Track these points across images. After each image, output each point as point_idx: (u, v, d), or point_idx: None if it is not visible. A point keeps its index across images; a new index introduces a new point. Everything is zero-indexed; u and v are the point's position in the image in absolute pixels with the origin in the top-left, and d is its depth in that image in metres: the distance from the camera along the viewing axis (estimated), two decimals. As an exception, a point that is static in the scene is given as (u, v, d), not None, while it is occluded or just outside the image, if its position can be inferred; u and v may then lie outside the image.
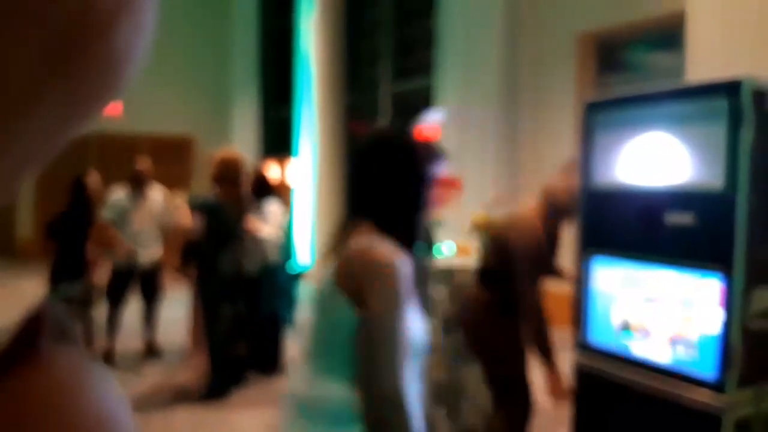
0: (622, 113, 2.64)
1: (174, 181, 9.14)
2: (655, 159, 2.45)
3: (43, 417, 0.31)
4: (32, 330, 0.37)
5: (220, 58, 12.13)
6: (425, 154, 1.63)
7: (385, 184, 1.57)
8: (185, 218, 4.70)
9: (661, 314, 2.43)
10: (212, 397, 4.67)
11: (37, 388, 0.32)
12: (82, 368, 0.36)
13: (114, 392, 0.36)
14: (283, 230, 5.33)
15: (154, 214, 5.58)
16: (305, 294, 5.72)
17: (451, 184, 1.76)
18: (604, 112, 2.73)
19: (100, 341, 5.49)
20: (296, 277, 5.80)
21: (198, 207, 4.68)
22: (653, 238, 2.43)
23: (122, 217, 5.45)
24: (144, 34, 0.29)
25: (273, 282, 5.28)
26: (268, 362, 5.35)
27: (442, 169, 1.66)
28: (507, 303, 3.14)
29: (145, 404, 4.53)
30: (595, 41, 6.68)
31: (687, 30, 3.77)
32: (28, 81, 0.24)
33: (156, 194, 5.72)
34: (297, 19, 10.55)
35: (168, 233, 5.46)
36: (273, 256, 5.22)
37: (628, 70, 6.49)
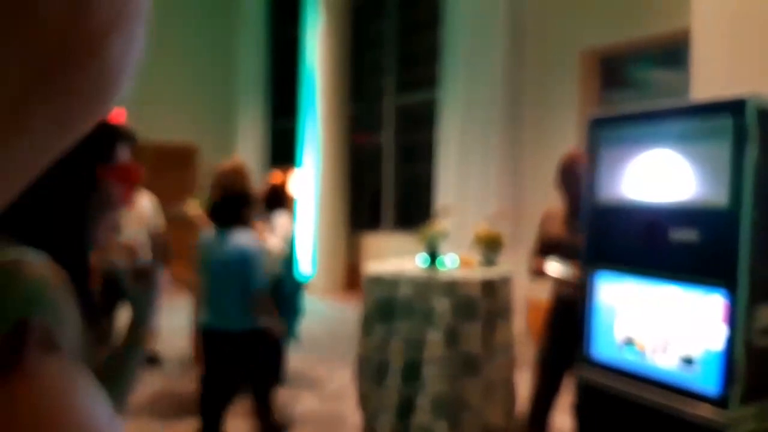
0: (627, 130, 2.66)
1: (177, 188, 9.17)
2: (660, 176, 2.48)
3: (28, 425, 0.31)
4: (19, 340, 0.38)
5: (225, 68, 12.19)
6: (98, 135, 1.19)
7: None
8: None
9: (665, 330, 2.45)
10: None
11: (22, 397, 0.33)
12: (67, 377, 0.37)
13: (99, 401, 0.37)
14: (289, 243, 5.33)
15: (143, 221, 5.57)
16: (305, 305, 5.72)
17: (132, 173, 1.22)
18: (609, 129, 2.75)
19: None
20: (300, 289, 5.79)
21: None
22: (657, 253, 2.45)
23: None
24: (135, 47, 0.29)
25: (276, 293, 5.28)
26: (271, 373, 5.34)
27: (126, 157, 1.25)
28: None
29: (145, 413, 4.54)
30: (598, 57, 6.72)
31: (692, 48, 3.80)
32: (21, 95, 0.24)
33: (144, 201, 5.71)
34: (302, 30, 10.61)
35: (156, 239, 5.45)
36: (277, 268, 5.23)
37: (632, 87, 6.53)
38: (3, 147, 0.25)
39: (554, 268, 3.38)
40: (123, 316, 4.47)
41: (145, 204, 5.68)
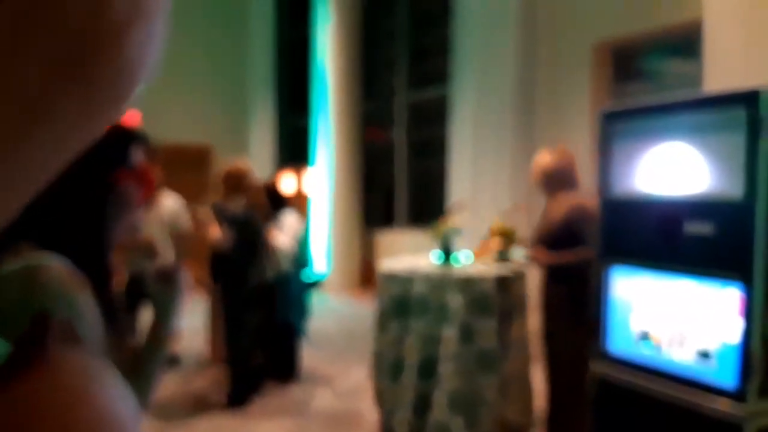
0: (641, 123, 2.65)
1: (192, 189, 9.23)
2: (674, 169, 2.46)
3: (51, 417, 0.32)
4: (40, 333, 0.38)
5: (237, 68, 12.24)
6: (114, 139, 1.21)
7: (49, 183, 0.74)
8: (213, 231, 4.75)
9: (681, 324, 2.43)
10: (233, 405, 4.71)
11: (44, 389, 0.33)
12: (88, 369, 0.37)
13: (120, 392, 0.37)
14: (298, 241, 5.37)
15: (164, 221, 5.59)
16: (319, 302, 5.75)
17: (147, 175, 1.23)
18: (623, 122, 2.74)
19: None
20: (310, 286, 5.82)
21: (227, 219, 4.73)
22: (672, 247, 2.44)
23: None
24: (155, 42, 0.29)
25: (287, 291, 5.32)
26: (284, 371, 5.38)
27: (141, 159, 1.26)
28: None
29: (165, 412, 4.58)
30: (611, 49, 6.67)
31: (704, 38, 3.77)
32: (41, 89, 0.25)
33: (168, 201, 5.73)
34: (313, 28, 10.63)
35: (179, 240, 5.48)
36: (287, 265, 5.26)
37: (645, 79, 6.48)
38: (27, 139, 0.26)
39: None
40: (145, 317, 4.49)
41: (168, 204, 5.71)
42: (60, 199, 1.08)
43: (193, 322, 6.18)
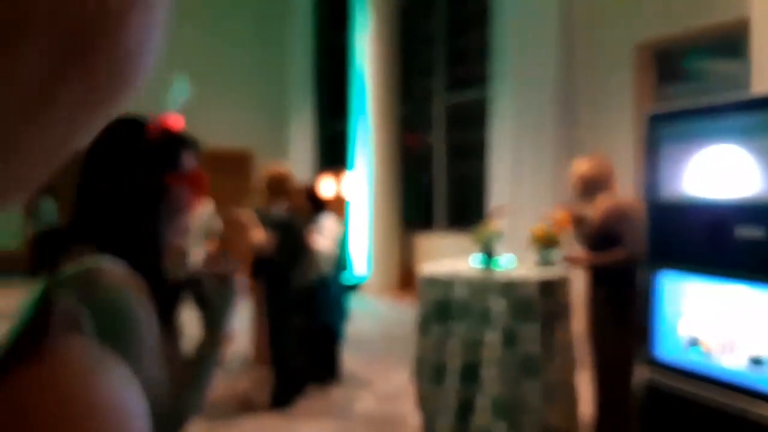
0: (688, 125, 2.62)
1: (233, 193, 9.37)
2: (723, 171, 2.43)
3: (55, 405, 0.32)
4: (43, 322, 0.40)
5: (277, 74, 12.39)
6: (165, 144, 1.23)
7: (106, 188, 1.13)
8: (258, 234, 4.82)
9: (732, 329, 2.39)
10: (276, 406, 4.77)
11: (48, 377, 0.34)
12: (92, 357, 0.37)
13: (124, 380, 0.37)
14: (338, 244, 5.41)
15: (197, 225, 5.67)
16: (359, 305, 5.76)
17: (198, 179, 1.27)
18: (669, 125, 2.71)
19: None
20: (349, 289, 5.85)
21: (270, 223, 4.80)
22: (723, 252, 2.40)
23: None
24: (155, 31, 0.29)
25: (327, 294, 5.37)
26: (325, 373, 5.43)
27: (192, 163, 1.29)
28: None
29: (210, 412, 4.65)
30: (653, 50, 6.57)
31: (751, 38, 3.70)
32: (40, 79, 0.25)
33: (200, 207, 5.82)
34: (352, 33, 10.69)
35: (212, 241, 5.55)
36: (327, 268, 5.31)
37: (689, 80, 6.37)
38: (32, 123, 0.26)
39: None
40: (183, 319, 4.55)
41: (201, 209, 5.80)
42: (116, 202, 1.12)
43: (238, 324, 6.27)
